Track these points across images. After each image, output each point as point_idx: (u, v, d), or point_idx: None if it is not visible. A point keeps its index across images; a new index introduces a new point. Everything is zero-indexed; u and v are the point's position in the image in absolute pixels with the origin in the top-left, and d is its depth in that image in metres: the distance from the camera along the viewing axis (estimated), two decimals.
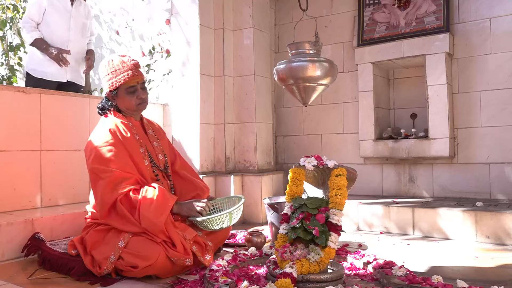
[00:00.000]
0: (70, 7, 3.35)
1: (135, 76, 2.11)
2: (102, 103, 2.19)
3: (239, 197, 2.29)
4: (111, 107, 2.16)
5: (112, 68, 2.11)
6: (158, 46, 4.95)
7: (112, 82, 2.11)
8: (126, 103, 2.15)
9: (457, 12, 3.27)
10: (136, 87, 2.13)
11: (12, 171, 2.59)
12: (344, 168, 1.90)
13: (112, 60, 2.13)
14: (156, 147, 2.24)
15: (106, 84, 2.14)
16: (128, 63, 2.11)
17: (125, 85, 2.10)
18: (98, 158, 1.98)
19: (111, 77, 2.11)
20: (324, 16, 3.83)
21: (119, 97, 2.14)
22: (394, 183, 3.49)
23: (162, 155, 2.25)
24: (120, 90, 2.12)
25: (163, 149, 2.28)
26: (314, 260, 1.71)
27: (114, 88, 2.11)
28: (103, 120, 2.16)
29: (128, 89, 2.11)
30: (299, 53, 2.37)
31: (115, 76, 2.10)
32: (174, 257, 1.88)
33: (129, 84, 2.11)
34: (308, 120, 3.93)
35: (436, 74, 3.17)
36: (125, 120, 2.15)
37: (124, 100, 2.14)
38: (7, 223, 2.19)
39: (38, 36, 3.27)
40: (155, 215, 1.89)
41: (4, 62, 5.64)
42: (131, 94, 2.13)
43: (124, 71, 2.10)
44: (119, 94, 2.13)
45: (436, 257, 2.28)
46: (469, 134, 3.21)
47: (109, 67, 2.12)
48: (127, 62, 2.12)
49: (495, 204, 2.90)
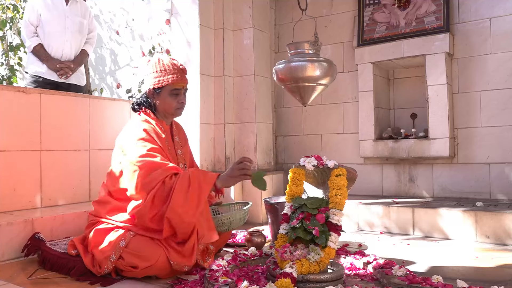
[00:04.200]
0: (65, 6, 3.34)
1: (182, 79, 2.14)
2: (140, 99, 2.17)
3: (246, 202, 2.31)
4: (148, 104, 2.14)
5: (162, 67, 2.11)
6: (158, 46, 4.96)
7: (158, 80, 2.10)
8: (166, 104, 2.13)
9: (457, 12, 3.27)
10: (180, 91, 2.14)
11: (12, 171, 2.58)
12: (344, 168, 1.89)
13: (162, 59, 2.14)
14: (179, 155, 2.22)
15: (150, 81, 2.12)
16: (178, 66, 2.14)
17: (171, 86, 2.11)
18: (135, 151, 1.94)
19: (158, 75, 2.10)
20: (324, 16, 3.83)
21: (160, 97, 2.12)
22: (394, 183, 3.49)
23: (183, 164, 2.22)
24: (164, 89, 2.11)
25: (185, 158, 2.26)
26: (314, 260, 1.71)
27: (160, 86, 2.10)
28: (137, 119, 2.12)
29: (173, 91, 2.12)
30: (299, 53, 2.37)
31: (163, 75, 2.10)
32: (174, 261, 1.86)
33: (175, 86, 2.11)
34: (308, 120, 3.93)
35: (436, 74, 3.17)
36: (158, 123, 2.13)
37: (165, 101, 2.13)
38: (7, 223, 2.19)
39: (37, 42, 3.27)
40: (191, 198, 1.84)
41: (4, 62, 5.64)
42: (173, 97, 2.12)
43: (173, 73, 2.10)
44: (162, 94, 2.12)
45: (436, 257, 2.28)
46: (469, 134, 3.21)
47: (159, 65, 2.11)
48: (177, 65, 2.14)
49: (495, 204, 2.90)
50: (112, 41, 5.54)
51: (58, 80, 3.30)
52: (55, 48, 3.30)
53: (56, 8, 3.31)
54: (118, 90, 5.44)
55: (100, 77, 5.69)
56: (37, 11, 3.28)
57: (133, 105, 2.20)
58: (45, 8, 3.29)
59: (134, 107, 2.19)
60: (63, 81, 3.32)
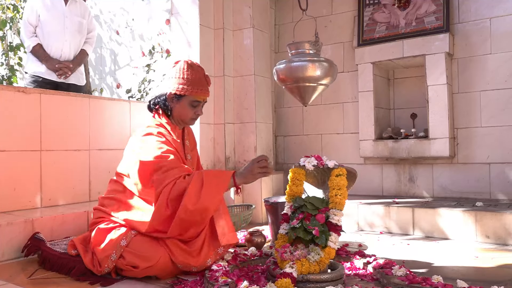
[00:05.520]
0: (64, 6, 3.34)
1: (205, 93, 2.13)
2: (157, 100, 2.14)
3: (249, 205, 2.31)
4: (164, 107, 2.12)
5: (189, 75, 2.08)
6: (158, 46, 4.96)
7: (182, 88, 2.07)
8: (182, 113, 2.12)
9: (457, 12, 3.27)
10: (200, 103, 2.13)
11: (12, 171, 2.58)
12: (344, 168, 1.89)
13: (191, 66, 2.10)
14: (188, 160, 2.21)
15: (173, 85, 2.08)
16: (205, 78, 2.12)
17: (193, 97, 2.09)
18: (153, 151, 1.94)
19: (183, 82, 2.07)
20: (324, 16, 3.83)
21: (179, 104, 2.10)
22: (394, 183, 3.49)
23: (192, 169, 2.21)
24: (185, 98, 2.09)
25: (193, 162, 2.26)
26: (314, 260, 1.71)
27: (182, 94, 2.08)
28: (153, 121, 2.12)
29: (193, 102, 2.10)
30: (299, 53, 2.37)
31: (187, 84, 2.07)
32: (180, 262, 1.86)
33: (197, 98, 2.11)
34: (308, 120, 3.93)
35: (436, 74, 3.17)
36: (172, 128, 2.12)
37: (182, 109, 2.11)
38: (7, 223, 2.19)
39: (35, 42, 3.27)
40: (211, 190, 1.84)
41: (4, 62, 5.64)
42: (192, 108, 2.11)
43: (198, 84, 2.08)
44: (182, 102, 2.10)
45: (436, 257, 2.28)
46: (469, 134, 3.21)
47: (186, 72, 2.08)
48: (204, 75, 2.13)
49: (495, 204, 2.90)
50: (112, 41, 5.54)
51: (57, 80, 3.30)
52: (54, 48, 3.30)
53: (55, 8, 3.31)
54: (118, 90, 5.44)
55: (100, 77, 5.69)
56: (36, 11, 3.28)
57: (149, 104, 2.18)
58: (44, 8, 3.28)
59: (150, 106, 2.18)
60: (63, 81, 3.32)
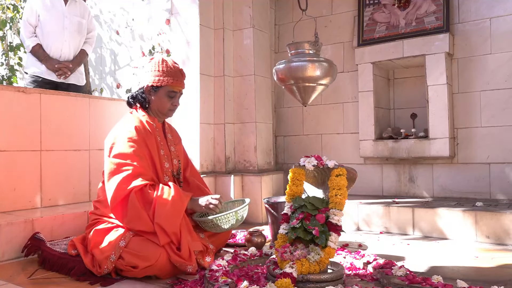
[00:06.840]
0: (63, 6, 3.34)
1: (181, 84, 2.23)
2: (136, 93, 2.23)
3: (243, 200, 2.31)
4: (142, 99, 2.21)
5: (164, 67, 2.18)
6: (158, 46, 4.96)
7: (158, 79, 2.17)
8: (160, 104, 2.20)
9: (457, 12, 3.27)
10: (176, 94, 2.23)
11: (12, 171, 2.58)
12: (344, 168, 1.89)
13: (166, 61, 2.21)
14: (173, 151, 2.28)
15: (150, 78, 2.18)
16: (180, 70, 2.23)
17: (169, 87, 2.18)
18: (120, 152, 2.01)
19: (159, 74, 2.17)
20: (324, 16, 3.84)
21: (157, 95, 2.19)
22: (394, 183, 3.49)
23: (177, 161, 2.29)
24: (162, 89, 2.18)
25: (178, 155, 2.32)
26: (314, 260, 1.71)
27: (159, 85, 2.17)
28: (129, 116, 2.21)
29: (170, 93, 2.19)
30: (299, 53, 2.37)
31: (164, 76, 2.17)
32: (177, 263, 1.88)
33: (173, 88, 2.19)
34: (308, 120, 3.93)
35: (436, 74, 3.17)
36: (150, 120, 2.20)
37: (160, 101, 2.20)
38: (7, 223, 2.19)
39: (35, 42, 3.26)
40: (172, 213, 1.92)
41: (4, 62, 5.64)
42: (169, 98, 2.20)
43: (174, 75, 2.19)
44: (159, 93, 2.19)
45: (436, 257, 2.28)
46: (469, 134, 3.21)
47: (162, 65, 2.18)
48: (179, 69, 2.24)
49: (495, 204, 2.90)
50: (112, 41, 5.54)
51: (57, 80, 3.30)
52: (53, 48, 3.30)
53: (54, 8, 3.31)
54: (118, 90, 5.44)
55: (100, 77, 5.69)
56: (35, 11, 3.28)
57: (128, 99, 2.27)
58: (44, 8, 3.28)
59: (129, 100, 2.26)
60: (62, 81, 3.32)
